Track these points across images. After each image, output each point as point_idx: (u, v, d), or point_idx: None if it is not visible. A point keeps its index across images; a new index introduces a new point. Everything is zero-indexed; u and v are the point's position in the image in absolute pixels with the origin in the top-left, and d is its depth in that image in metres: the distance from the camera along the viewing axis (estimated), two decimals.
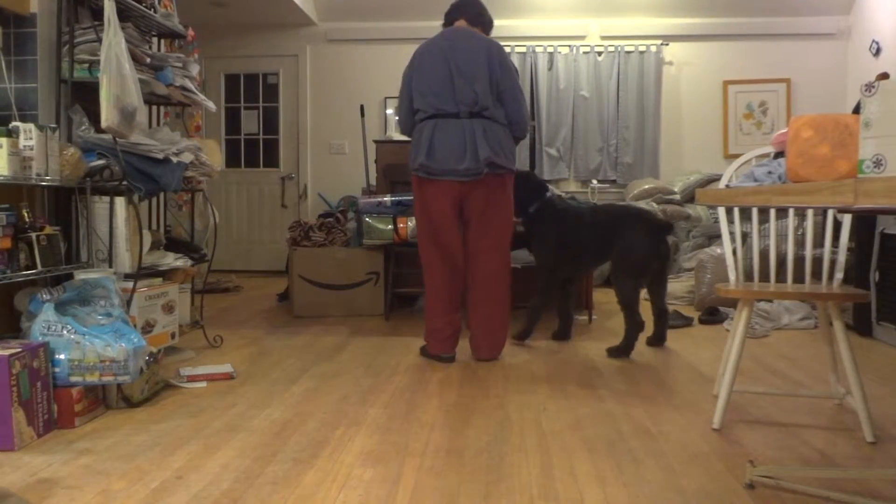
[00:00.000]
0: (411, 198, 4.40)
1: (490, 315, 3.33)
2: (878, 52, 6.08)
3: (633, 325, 3.45)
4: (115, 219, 2.92)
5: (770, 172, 2.38)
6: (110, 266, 2.91)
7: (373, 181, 5.67)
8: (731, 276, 2.58)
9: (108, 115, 2.69)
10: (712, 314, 4.50)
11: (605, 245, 3.57)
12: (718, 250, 4.95)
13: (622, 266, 3.49)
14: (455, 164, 3.19)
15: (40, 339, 2.36)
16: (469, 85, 3.21)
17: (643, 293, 3.63)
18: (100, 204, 2.93)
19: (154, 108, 3.80)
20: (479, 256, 3.33)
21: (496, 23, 3.59)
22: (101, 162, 2.88)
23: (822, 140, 1.48)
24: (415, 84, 3.27)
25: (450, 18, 3.44)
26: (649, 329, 3.78)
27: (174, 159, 3.13)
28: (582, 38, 6.93)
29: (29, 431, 2.21)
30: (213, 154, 3.62)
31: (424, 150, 3.21)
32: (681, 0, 6.72)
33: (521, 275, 4.28)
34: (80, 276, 2.68)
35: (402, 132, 3.47)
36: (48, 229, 2.66)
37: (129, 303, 2.83)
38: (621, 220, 3.54)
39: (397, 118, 3.46)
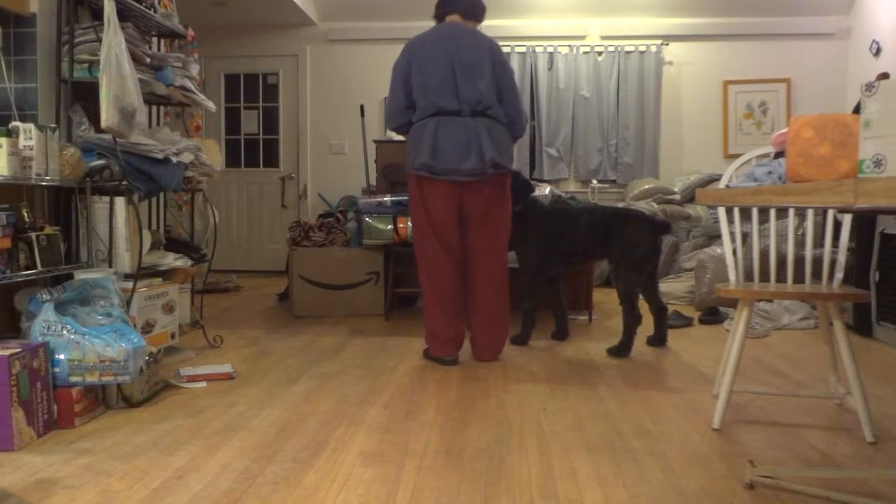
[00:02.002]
0: None
1: (491, 316, 3.32)
2: (878, 52, 6.08)
3: (633, 318, 3.46)
4: (115, 219, 2.92)
5: (770, 172, 2.38)
6: (110, 266, 2.91)
7: (373, 181, 5.67)
8: (731, 276, 2.58)
9: (108, 115, 2.69)
10: (712, 314, 4.49)
11: (598, 244, 3.59)
12: (718, 250, 4.95)
13: (625, 262, 3.51)
14: (459, 163, 3.15)
15: (40, 339, 2.36)
16: (472, 83, 3.18)
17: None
18: (100, 204, 2.93)
19: (154, 108, 3.80)
20: (479, 257, 3.31)
21: (497, 23, 3.60)
22: (101, 162, 2.88)
23: (823, 140, 1.48)
24: (414, 79, 3.21)
25: (442, 13, 3.39)
26: (649, 328, 3.78)
27: (174, 159, 3.13)
28: (582, 38, 6.93)
29: (29, 431, 2.21)
30: (213, 154, 3.62)
31: (428, 150, 3.15)
32: (681, 0, 6.72)
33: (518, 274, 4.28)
34: (80, 276, 2.68)
35: (391, 125, 3.37)
36: (48, 229, 2.66)
37: (128, 303, 2.83)
38: (619, 219, 3.56)
39: (386, 110, 3.35)
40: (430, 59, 3.20)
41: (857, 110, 3.64)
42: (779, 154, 2.41)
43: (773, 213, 2.60)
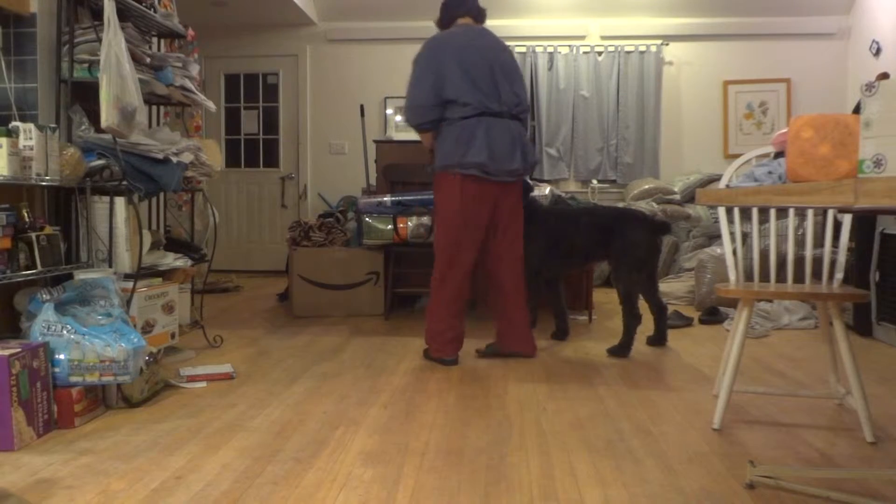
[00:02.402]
0: (412, 197, 4.40)
1: (525, 315, 3.39)
2: (878, 52, 6.08)
3: (632, 318, 3.47)
4: (115, 219, 2.92)
5: (770, 172, 2.38)
6: (110, 266, 2.91)
7: (373, 181, 5.67)
8: (731, 276, 2.58)
9: (108, 115, 2.69)
10: (712, 314, 4.49)
11: (597, 244, 3.60)
12: (718, 250, 4.95)
13: (625, 262, 3.51)
14: (508, 164, 3.20)
15: (40, 339, 2.36)
16: (511, 86, 3.25)
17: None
18: (100, 204, 2.93)
19: (154, 108, 3.80)
20: (509, 257, 3.35)
21: (497, 23, 3.59)
22: (101, 162, 2.88)
23: (823, 140, 1.48)
24: (454, 76, 3.15)
25: (452, 16, 3.36)
26: (649, 328, 3.78)
27: (174, 159, 3.13)
28: (582, 38, 6.93)
29: (29, 431, 2.21)
30: (213, 154, 3.62)
31: (484, 150, 3.14)
32: (681, 0, 6.72)
33: None
34: (80, 276, 2.68)
35: (416, 121, 3.25)
36: (48, 229, 2.66)
37: (128, 303, 2.83)
38: (618, 219, 3.57)
39: (409, 105, 3.24)
40: (472, 59, 3.18)
41: (857, 110, 3.64)
42: (779, 154, 2.41)
43: (773, 213, 2.60)
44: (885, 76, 4.64)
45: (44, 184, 2.61)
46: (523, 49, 6.86)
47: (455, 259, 3.26)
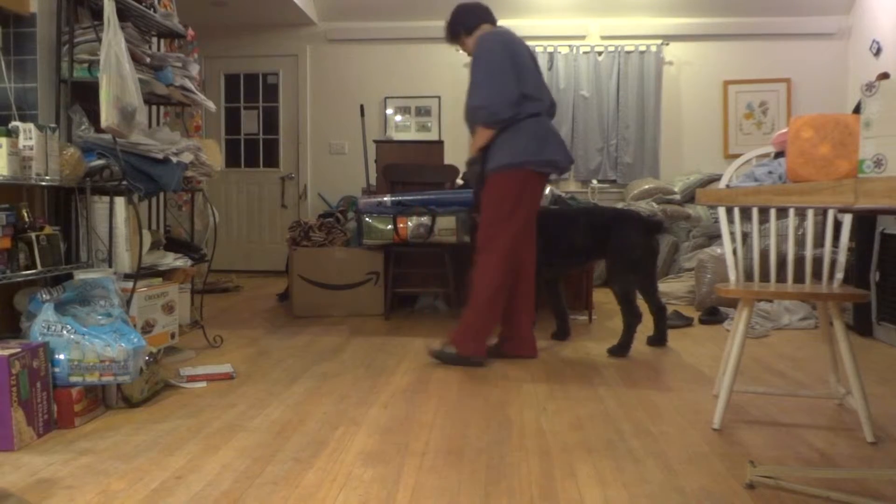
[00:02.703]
0: (412, 197, 4.40)
1: (529, 319, 3.41)
2: (878, 51, 6.08)
3: (632, 317, 3.47)
4: (115, 219, 2.92)
5: (770, 172, 2.38)
6: (110, 266, 2.91)
7: (373, 181, 5.68)
8: (731, 276, 2.58)
9: (108, 115, 2.69)
10: (712, 314, 4.49)
11: (595, 244, 3.61)
12: (718, 250, 4.95)
13: (620, 262, 3.52)
14: (564, 161, 3.30)
15: (40, 339, 2.35)
16: (546, 87, 3.35)
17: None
18: (100, 204, 2.93)
19: (154, 108, 3.80)
20: (528, 259, 3.38)
21: (497, 22, 3.57)
22: (100, 162, 2.88)
23: (823, 140, 1.48)
24: (528, 71, 3.19)
25: (473, 24, 3.34)
26: (649, 328, 3.78)
27: (174, 159, 3.13)
28: (582, 38, 6.94)
29: (29, 431, 2.21)
30: (213, 154, 3.62)
31: (559, 147, 3.24)
32: (681, 0, 6.72)
33: None
34: (80, 276, 2.68)
35: (499, 116, 3.12)
36: (48, 229, 2.66)
37: (128, 303, 2.83)
38: (613, 219, 3.58)
39: (493, 99, 3.11)
40: (525, 59, 3.23)
41: (857, 110, 3.64)
42: (779, 154, 2.41)
43: (773, 213, 2.59)
44: (885, 76, 4.63)
45: (44, 184, 2.61)
46: None
47: (516, 255, 3.27)
